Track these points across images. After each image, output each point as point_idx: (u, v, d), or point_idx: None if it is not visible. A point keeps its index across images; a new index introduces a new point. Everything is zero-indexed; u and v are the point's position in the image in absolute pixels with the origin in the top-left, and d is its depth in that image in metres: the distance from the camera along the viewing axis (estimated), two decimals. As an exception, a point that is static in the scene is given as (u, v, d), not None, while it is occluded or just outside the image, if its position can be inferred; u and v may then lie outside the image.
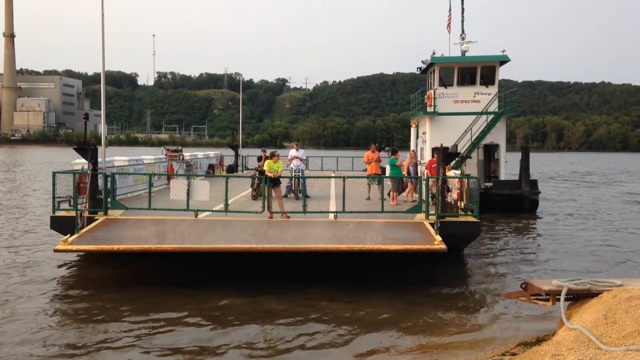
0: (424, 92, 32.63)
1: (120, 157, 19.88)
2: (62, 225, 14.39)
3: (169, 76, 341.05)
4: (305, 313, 11.03)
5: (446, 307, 11.66)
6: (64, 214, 14.86)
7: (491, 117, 28.92)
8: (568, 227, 23.68)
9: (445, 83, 30.01)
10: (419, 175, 19.84)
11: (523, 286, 9.21)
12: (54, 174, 15.01)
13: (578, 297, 8.51)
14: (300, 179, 19.77)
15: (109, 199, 15.21)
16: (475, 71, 29.74)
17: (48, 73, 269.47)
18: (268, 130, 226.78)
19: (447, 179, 15.65)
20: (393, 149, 20.24)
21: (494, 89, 29.68)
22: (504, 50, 29.63)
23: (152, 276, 14.13)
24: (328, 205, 17.12)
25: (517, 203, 27.24)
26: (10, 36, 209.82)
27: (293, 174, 20.22)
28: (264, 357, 8.98)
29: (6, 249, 16.83)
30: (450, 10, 34.10)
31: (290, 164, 20.91)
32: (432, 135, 29.30)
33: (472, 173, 25.76)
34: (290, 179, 20.03)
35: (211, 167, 30.66)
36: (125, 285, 13.09)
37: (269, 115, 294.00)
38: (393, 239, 12.94)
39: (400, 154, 19.93)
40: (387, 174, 19.78)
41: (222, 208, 15.37)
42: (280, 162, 16.17)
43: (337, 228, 14.11)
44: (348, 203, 15.13)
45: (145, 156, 22.97)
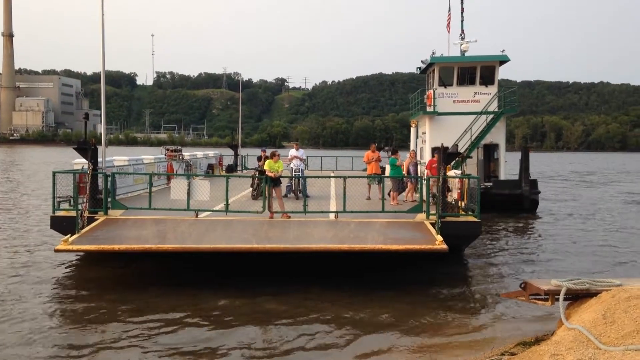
0: (424, 92, 32.64)
1: (120, 157, 19.83)
2: (63, 225, 14.35)
3: (168, 76, 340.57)
4: (305, 313, 11.02)
5: (446, 307, 11.66)
6: (64, 214, 14.82)
7: (491, 117, 28.93)
8: (568, 227, 23.71)
9: (444, 83, 30.00)
10: (419, 175, 19.83)
11: (522, 286, 9.20)
12: (54, 174, 14.97)
13: (577, 297, 8.50)
14: (300, 179, 19.76)
15: (109, 199, 15.19)
16: (474, 71, 29.74)
17: (47, 73, 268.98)
18: (267, 130, 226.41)
19: (448, 179, 15.65)
20: (393, 149, 20.21)
21: (494, 89, 29.68)
22: (504, 50, 29.68)
23: (153, 276, 14.11)
24: (328, 205, 17.11)
25: (517, 203, 27.27)
26: (9, 36, 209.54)
27: (293, 174, 20.21)
28: (265, 358, 8.97)
29: (6, 249, 16.79)
30: (449, 10, 34.15)
31: (290, 164, 20.90)
32: (432, 135, 29.30)
33: (472, 173, 25.74)
34: (290, 179, 20.02)
35: (210, 167, 30.62)
36: (125, 285, 13.07)
37: (268, 115, 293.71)
38: (394, 239, 12.93)
39: (400, 154, 19.91)
40: (387, 174, 19.78)
41: (222, 208, 15.34)
42: (280, 162, 16.14)
43: (338, 228, 14.10)
44: (348, 203, 15.12)
45: (145, 156, 22.94)
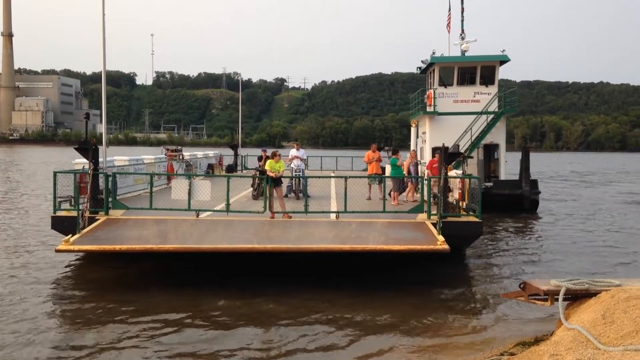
0: (424, 92, 32.60)
1: (120, 157, 19.80)
2: (63, 225, 14.32)
3: (168, 76, 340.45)
4: (306, 314, 11.00)
5: (447, 308, 11.65)
6: (65, 214, 14.80)
7: (491, 117, 28.92)
8: (568, 227, 23.70)
9: (445, 83, 29.98)
10: (420, 175, 19.81)
11: (521, 286, 9.18)
12: (55, 174, 14.95)
13: (576, 297, 8.48)
14: (300, 179, 19.75)
15: (110, 199, 15.17)
16: (475, 71, 29.72)
17: (46, 72, 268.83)
18: (266, 130, 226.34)
19: (449, 179, 15.63)
20: (394, 149, 20.19)
21: (494, 89, 29.66)
22: (504, 50, 29.66)
23: (154, 276, 14.10)
24: (329, 205, 17.10)
25: (517, 203, 27.26)
26: (8, 36, 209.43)
27: (293, 174, 20.20)
28: (265, 359, 8.94)
29: (6, 250, 16.75)
30: (450, 10, 34.14)
31: (290, 164, 20.88)
32: (432, 135, 29.30)
33: (472, 173, 25.73)
34: (290, 179, 20.00)
35: (210, 167, 30.61)
36: (126, 285, 13.06)
37: (268, 114, 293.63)
38: (396, 239, 12.92)
39: (400, 154, 19.89)
40: (387, 174, 19.75)
41: (223, 208, 15.32)
42: (282, 162, 16.12)
43: (339, 228, 14.09)
44: (349, 203, 15.10)
45: (145, 156, 22.92)
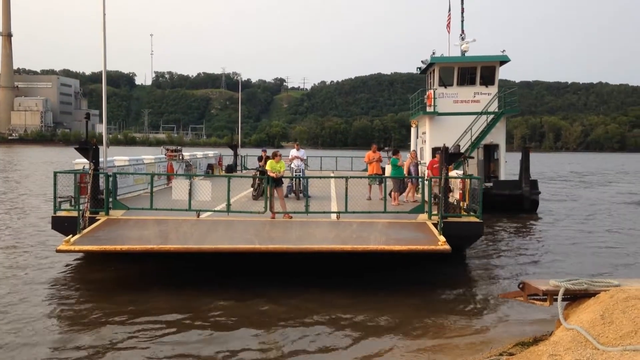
0: (424, 92, 32.61)
1: (120, 157, 19.78)
2: (64, 225, 14.30)
3: (167, 76, 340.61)
4: (307, 315, 10.98)
5: (447, 308, 11.65)
6: (65, 214, 14.78)
7: (491, 117, 28.92)
8: (568, 228, 23.69)
9: (445, 83, 29.98)
10: (420, 175, 19.80)
11: (520, 286, 9.18)
12: (56, 174, 14.92)
13: (575, 298, 8.49)
14: (301, 179, 19.74)
15: (111, 199, 15.15)
16: (475, 71, 29.72)
17: (45, 72, 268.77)
18: (266, 130, 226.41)
19: (449, 179, 15.62)
20: (395, 149, 20.18)
21: (494, 89, 29.66)
22: (504, 50, 29.67)
23: (154, 277, 14.07)
24: (329, 205, 17.09)
25: (517, 203, 27.25)
26: (7, 35, 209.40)
27: (294, 174, 20.18)
28: (266, 360, 8.95)
29: (6, 250, 16.72)
30: (449, 10, 34.15)
31: (291, 164, 20.87)
32: (432, 135, 29.31)
33: (472, 173, 25.73)
34: (291, 179, 19.99)
35: (210, 167, 30.59)
36: (127, 286, 13.03)
37: (267, 115, 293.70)
38: (397, 240, 12.91)
39: (401, 154, 19.87)
40: (387, 174, 19.73)
41: (223, 208, 15.30)
42: (282, 162, 16.10)
43: (340, 228, 14.08)
44: (350, 203, 15.09)
45: (145, 156, 22.90)
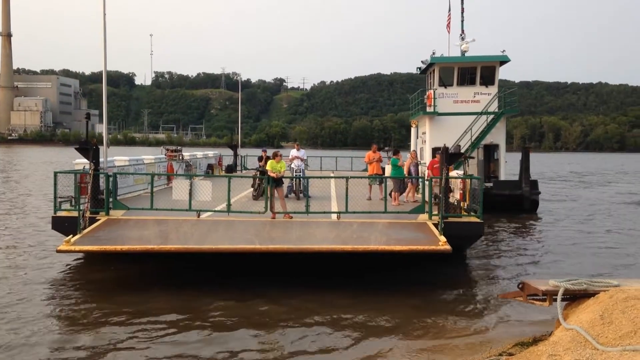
0: (424, 92, 32.60)
1: (120, 157, 19.77)
2: (64, 225, 14.29)
3: (167, 76, 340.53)
4: (307, 315, 10.97)
5: (448, 309, 11.63)
6: (66, 214, 14.76)
7: (491, 117, 28.91)
8: (568, 228, 23.69)
9: (445, 83, 29.97)
10: (420, 175, 19.80)
11: (520, 286, 9.18)
12: (56, 174, 14.91)
13: (575, 298, 8.49)
14: (301, 179, 19.73)
15: (111, 199, 15.14)
16: (475, 71, 29.71)
17: (45, 72, 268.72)
18: (265, 130, 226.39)
19: (450, 179, 15.62)
20: (395, 149, 20.17)
21: (494, 89, 29.65)
22: (504, 50, 29.68)
23: (154, 277, 14.06)
24: (329, 205, 17.08)
25: (517, 203, 27.25)
26: (7, 35, 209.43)
27: (294, 174, 20.18)
28: (267, 361, 8.93)
29: (6, 250, 16.70)
30: (449, 10, 34.15)
31: (291, 164, 20.87)
32: (432, 135, 29.30)
33: (473, 173, 25.73)
34: (291, 179, 19.98)
35: (210, 167, 30.58)
36: (127, 286, 13.01)
37: (267, 115, 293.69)
38: (397, 240, 12.90)
39: (401, 154, 19.87)
40: (387, 174, 19.72)
41: (223, 208, 15.29)
42: (283, 162, 16.10)
43: (341, 228, 14.07)
44: (350, 203, 15.08)
45: (145, 156, 22.89)
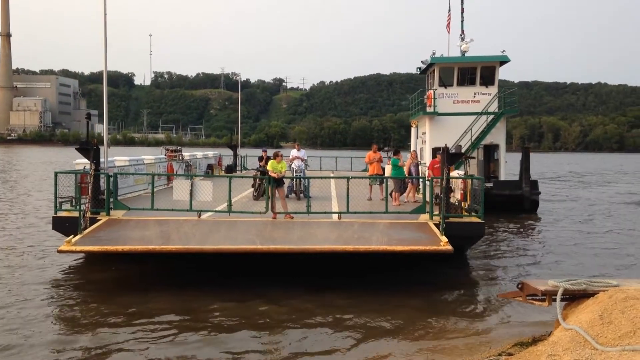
0: (424, 92, 32.61)
1: (121, 157, 19.75)
2: (65, 225, 14.28)
3: (166, 76, 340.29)
4: (307, 316, 10.97)
5: (448, 309, 11.65)
6: (66, 215, 14.74)
7: (491, 118, 28.92)
8: (568, 228, 23.69)
9: (445, 83, 29.98)
10: (420, 175, 19.78)
11: (519, 286, 9.19)
12: (56, 174, 14.89)
13: (574, 298, 8.50)
14: (301, 179, 19.72)
15: (111, 199, 15.12)
16: (475, 71, 29.73)
17: (44, 72, 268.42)
18: (265, 130, 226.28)
19: (450, 179, 15.61)
20: (395, 150, 20.16)
21: (494, 89, 29.67)
22: (504, 50, 29.69)
23: (155, 277, 14.05)
24: (330, 205, 17.07)
25: (518, 203, 27.26)
26: (6, 35, 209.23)
27: (294, 175, 20.16)
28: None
29: (6, 250, 16.68)
30: (449, 10, 34.16)
31: (291, 164, 20.85)
32: (432, 135, 29.31)
33: (473, 173, 25.74)
34: (291, 179, 19.97)
35: (210, 167, 30.57)
36: (127, 287, 13.00)
37: (266, 115, 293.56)
38: (399, 240, 12.89)
39: (402, 154, 19.85)
40: (387, 174, 19.69)
41: (224, 208, 15.28)
42: (284, 163, 16.09)
43: (342, 229, 14.06)
44: (351, 203, 15.06)
45: (145, 156, 22.87)
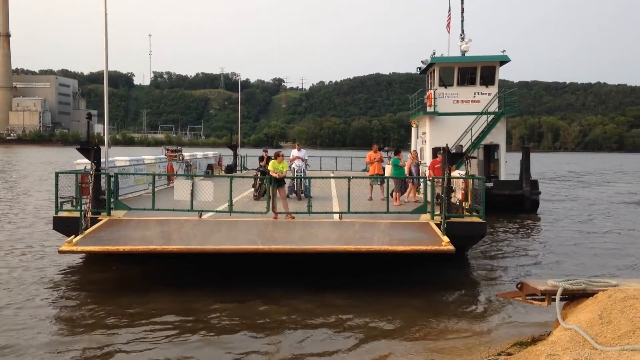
0: (424, 92, 32.62)
1: (121, 157, 19.75)
2: (65, 226, 14.26)
3: (165, 76, 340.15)
4: (308, 317, 10.96)
5: (449, 309, 11.64)
6: (67, 215, 14.72)
7: (491, 117, 28.92)
8: (568, 228, 23.69)
9: (445, 83, 29.98)
10: (421, 175, 19.78)
11: (519, 286, 9.19)
12: (57, 174, 14.87)
13: (573, 297, 8.50)
14: (302, 179, 19.71)
15: (112, 200, 15.11)
16: (475, 71, 29.73)
17: (44, 72, 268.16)
18: (264, 130, 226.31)
19: (451, 179, 15.60)
20: (396, 149, 20.16)
21: (494, 89, 29.67)
22: (504, 50, 29.69)
23: (156, 277, 14.04)
24: (331, 205, 17.07)
25: (518, 203, 27.25)
26: (5, 35, 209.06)
27: (295, 175, 20.15)
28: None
29: (7, 250, 16.65)
30: (449, 10, 34.15)
31: (292, 165, 20.84)
32: (432, 135, 29.32)
33: (474, 173, 25.75)
34: (292, 180, 19.96)
35: (210, 167, 30.56)
36: (128, 287, 12.99)
37: (266, 115, 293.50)
38: (400, 240, 12.88)
39: (402, 154, 19.84)
40: (388, 174, 19.68)
41: (225, 208, 15.27)
42: (285, 163, 16.08)
43: (343, 229, 14.05)
44: (352, 203, 15.05)
45: (145, 156, 22.86)
